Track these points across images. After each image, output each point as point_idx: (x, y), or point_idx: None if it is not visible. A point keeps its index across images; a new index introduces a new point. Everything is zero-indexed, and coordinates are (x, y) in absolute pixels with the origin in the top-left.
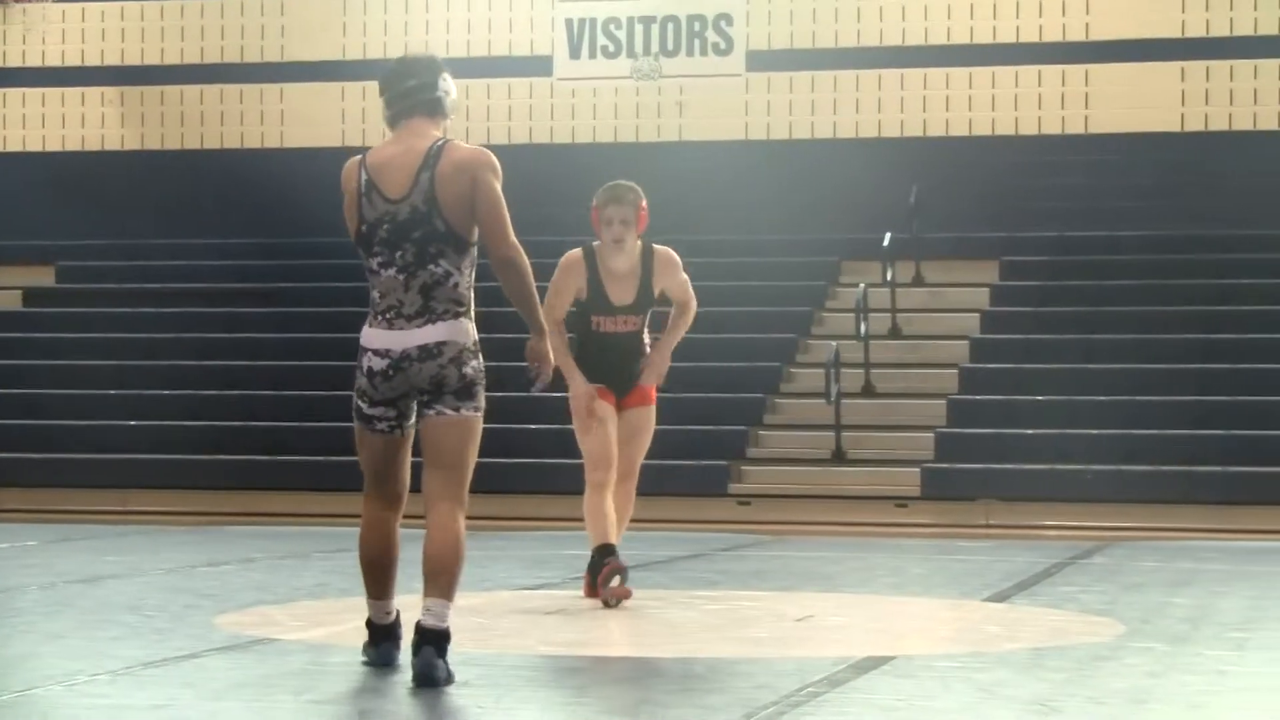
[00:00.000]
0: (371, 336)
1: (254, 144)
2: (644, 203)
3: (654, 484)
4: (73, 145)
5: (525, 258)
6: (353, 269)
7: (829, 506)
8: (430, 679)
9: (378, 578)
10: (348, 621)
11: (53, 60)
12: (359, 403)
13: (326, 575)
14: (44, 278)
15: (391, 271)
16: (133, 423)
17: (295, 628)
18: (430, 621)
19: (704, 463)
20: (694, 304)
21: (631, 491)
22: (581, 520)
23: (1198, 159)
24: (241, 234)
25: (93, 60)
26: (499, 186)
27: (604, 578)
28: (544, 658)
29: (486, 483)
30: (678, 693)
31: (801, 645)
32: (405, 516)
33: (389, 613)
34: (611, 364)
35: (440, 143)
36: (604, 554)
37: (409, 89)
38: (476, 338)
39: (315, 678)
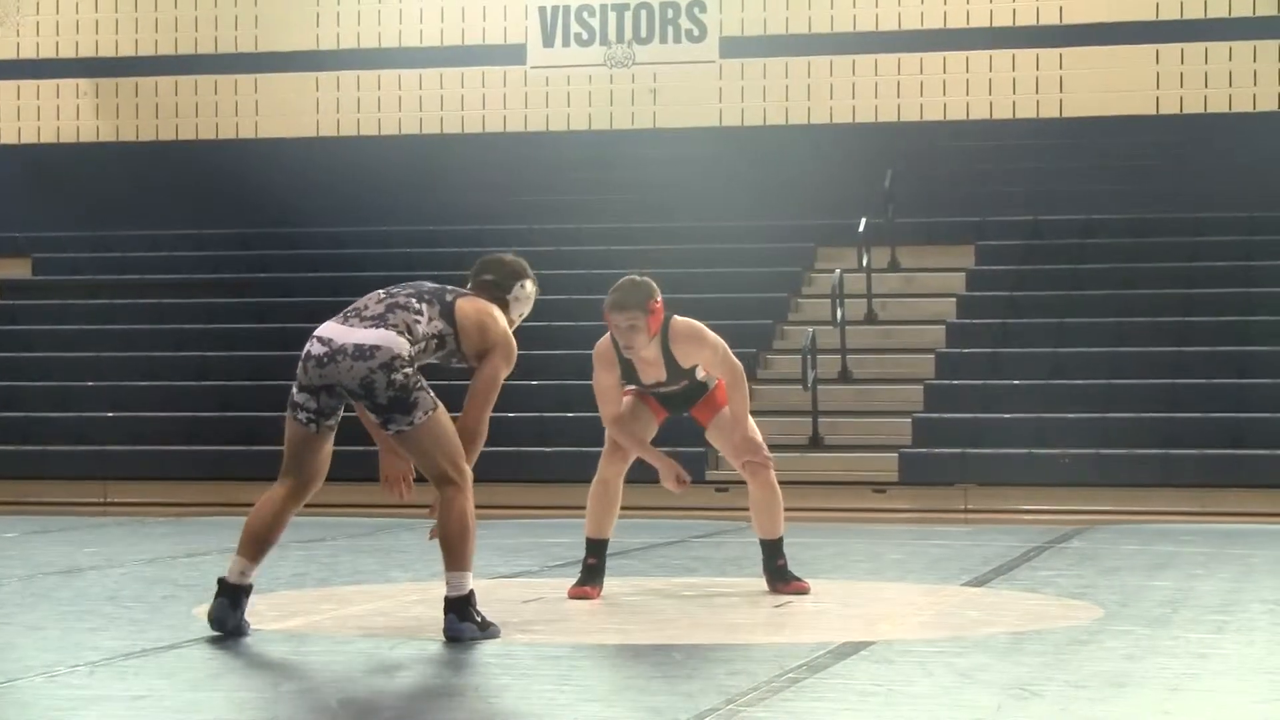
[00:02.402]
0: (323, 326)
1: (229, 135)
2: (655, 301)
3: (632, 471)
4: (48, 137)
5: (487, 421)
6: (327, 259)
7: (806, 492)
8: (452, 639)
9: (253, 542)
10: (326, 611)
11: (27, 52)
12: (293, 387)
13: (304, 565)
14: (20, 270)
15: (381, 292)
16: (110, 414)
17: (273, 618)
18: (446, 591)
19: (681, 449)
20: (739, 373)
21: (762, 482)
22: (559, 508)
23: (1172, 142)
24: (217, 225)
25: (68, 52)
26: (501, 374)
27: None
28: (522, 645)
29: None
30: (656, 679)
31: (780, 631)
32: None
33: (244, 574)
34: (672, 402)
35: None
36: (591, 549)
37: (485, 281)
38: (411, 357)
39: (294, 667)
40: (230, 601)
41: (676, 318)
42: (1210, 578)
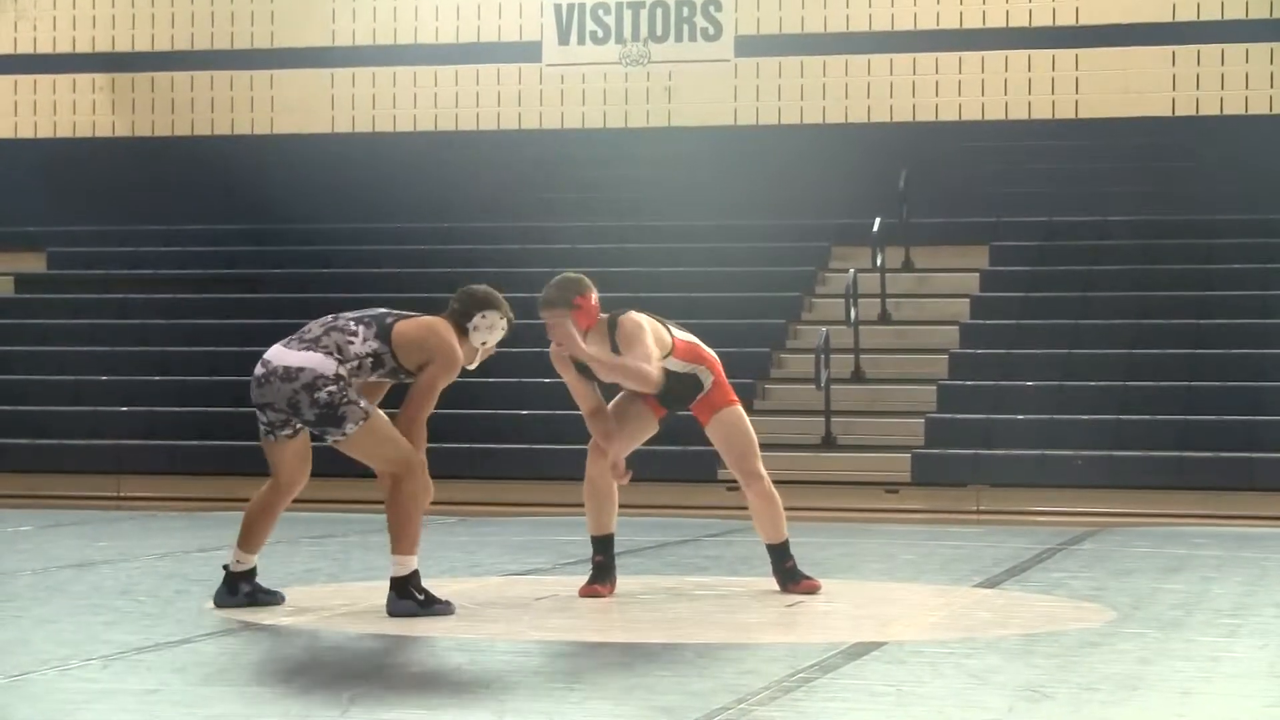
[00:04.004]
0: (271, 349)
1: (244, 130)
2: (582, 297)
3: (643, 469)
4: (64, 132)
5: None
6: (341, 255)
7: (818, 492)
8: (391, 614)
9: (244, 532)
10: (337, 607)
11: (43, 47)
12: None
13: (315, 560)
14: (35, 264)
15: (330, 316)
16: (124, 408)
17: (285, 613)
18: (390, 571)
19: (693, 448)
20: (644, 366)
21: (757, 493)
22: (572, 506)
23: (1188, 143)
24: (231, 220)
25: (83, 47)
26: (438, 382)
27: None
28: (534, 643)
29: (475, 468)
30: (668, 678)
31: (791, 631)
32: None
33: (240, 562)
34: (666, 399)
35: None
36: (597, 547)
37: (453, 308)
38: (337, 375)
39: (305, 663)
40: (228, 588)
41: (630, 315)
42: (1223, 581)
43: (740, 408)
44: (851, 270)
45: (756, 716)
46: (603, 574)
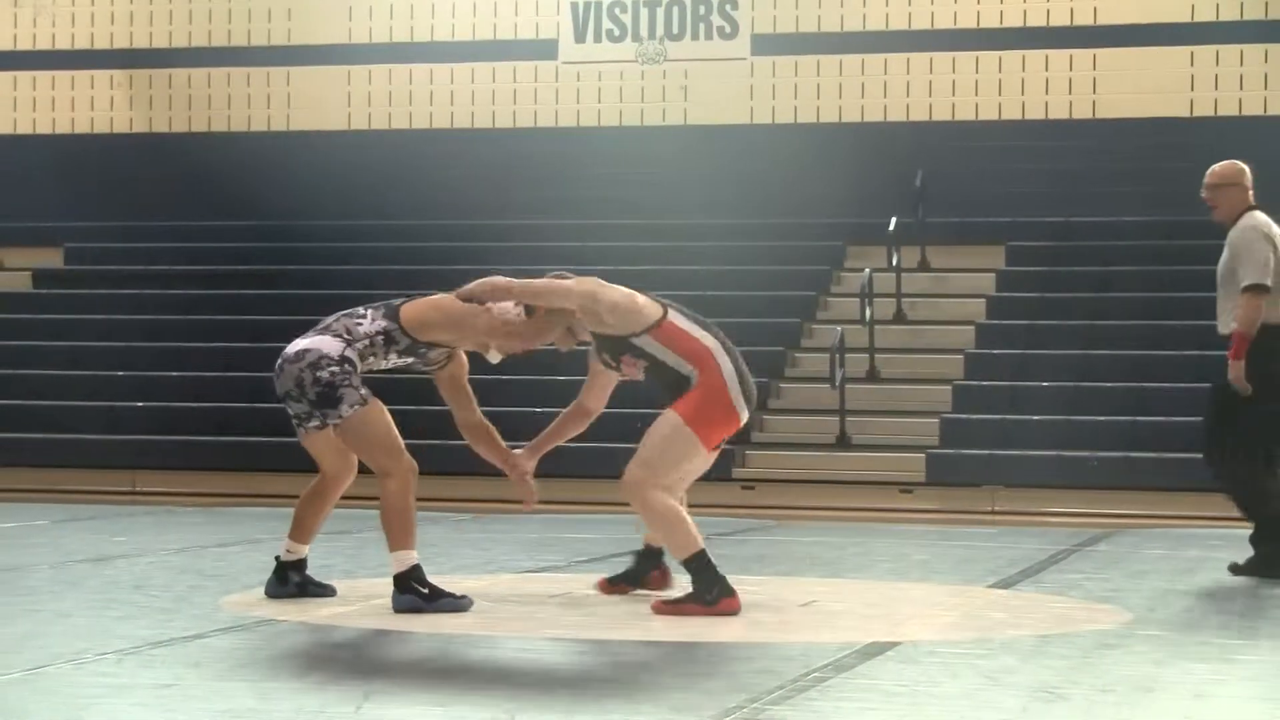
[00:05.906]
0: None
1: (260, 127)
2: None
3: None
4: (81, 128)
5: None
6: (356, 252)
7: (833, 491)
8: (396, 610)
9: (296, 521)
10: (352, 603)
11: (61, 43)
12: None
13: (330, 557)
14: (52, 259)
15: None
16: (140, 404)
17: (300, 609)
18: (391, 569)
19: None
20: (564, 284)
21: (634, 503)
22: (586, 504)
23: (1206, 144)
24: (247, 217)
25: (101, 43)
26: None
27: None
28: (547, 640)
29: (488, 465)
30: (681, 677)
31: (805, 630)
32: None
33: (291, 552)
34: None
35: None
36: (644, 550)
37: None
38: (343, 356)
39: (320, 658)
40: (278, 577)
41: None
42: (1238, 583)
43: (690, 428)
44: (867, 269)
45: (770, 716)
46: (626, 575)
